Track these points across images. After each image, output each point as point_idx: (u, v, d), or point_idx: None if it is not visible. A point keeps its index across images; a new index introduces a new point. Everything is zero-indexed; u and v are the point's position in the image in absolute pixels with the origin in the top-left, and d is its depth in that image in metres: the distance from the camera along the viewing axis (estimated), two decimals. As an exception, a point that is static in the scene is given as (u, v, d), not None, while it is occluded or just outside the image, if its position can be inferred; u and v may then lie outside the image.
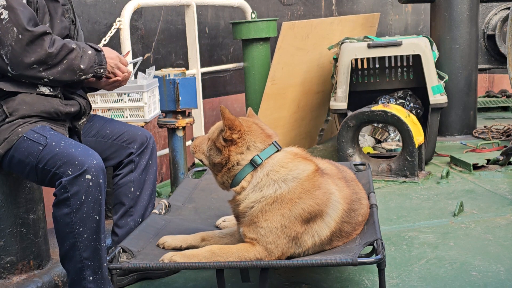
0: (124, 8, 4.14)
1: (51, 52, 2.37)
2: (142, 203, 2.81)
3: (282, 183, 2.38)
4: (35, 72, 2.37)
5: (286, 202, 2.36)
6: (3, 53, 2.32)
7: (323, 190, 2.44)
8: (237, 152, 2.41)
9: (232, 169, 2.42)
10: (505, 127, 5.49)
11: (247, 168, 2.40)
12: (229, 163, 2.42)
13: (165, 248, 2.54)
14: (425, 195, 3.95)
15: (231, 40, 6.14)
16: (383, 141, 5.11)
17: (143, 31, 5.22)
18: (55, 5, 2.57)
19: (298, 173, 2.42)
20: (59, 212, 2.27)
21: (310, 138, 5.61)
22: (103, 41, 3.95)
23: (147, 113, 3.34)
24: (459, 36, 5.38)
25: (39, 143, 2.33)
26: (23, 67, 2.35)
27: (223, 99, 6.23)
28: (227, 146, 2.41)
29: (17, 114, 2.39)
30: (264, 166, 2.40)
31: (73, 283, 2.34)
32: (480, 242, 3.11)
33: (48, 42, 2.37)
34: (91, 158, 2.28)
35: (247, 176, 2.40)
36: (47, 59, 2.37)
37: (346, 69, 4.61)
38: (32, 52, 2.34)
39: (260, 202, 2.37)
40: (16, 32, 2.31)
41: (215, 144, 2.45)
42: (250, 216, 2.39)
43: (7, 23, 2.31)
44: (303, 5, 7.26)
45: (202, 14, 5.80)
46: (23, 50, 2.33)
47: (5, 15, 2.31)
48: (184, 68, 4.13)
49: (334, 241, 2.49)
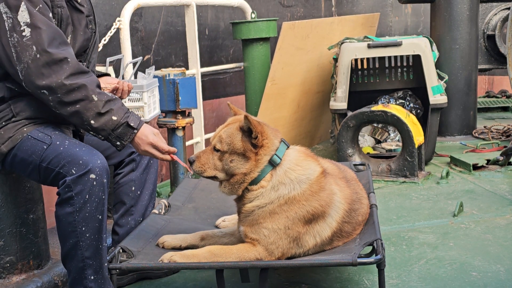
0: (124, 7, 4.14)
1: (64, 84, 2.26)
2: (143, 202, 2.81)
3: (296, 184, 2.38)
4: (44, 97, 2.29)
5: (295, 204, 2.37)
6: (19, 69, 2.28)
7: (327, 192, 2.44)
8: (266, 154, 2.38)
9: (253, 173, 2.38)
10: (505, 127, 5.49)
11: (267, 168, 2.38)
12: (256, 168, 2.37)
13: (165, 248, 2.54)
14: (425, 195, 3.95)
15: (231, 41, 6.14)
16: (383, 141, 5.11)
17: (143, 32, 5.23)
18: (80, 16, 2.53)
19: (310, 174, 2.42)
20: (62, 211, 2.27)
21: (310, 138, 5.61)
22: (103, 41, 3.95)
23: (147, 113, 3.34)
24: (459, 36, 5.38)
25: (44, 142, 2.34)
26: (34, 87, 2.28)
27: (223, 100, 6.24)
28: (256, 152, 2.37)
29: (24, 115, 2.40)
30: (282, 164, 2.40)
31: (74, 282, 2.35)
32: (480, 242, 3.11)
33: (66, 72, 2.27)
34: (95, 158, 2.29)
35: (267, 176, 2.38)
36: (58, 89, 2.26)
37: (346, 69, 4.61)
38: (46, 76, 2.25)
39: (272, 203, 2.36)
40: (35, 51, 2.25)
41: (238, 153, 2.37)
42: (256, 215, 2.38)
43: (27, 40, 2.26)
44: (303, 6, 7.28)
45: (202, 16, 5.81)
46: (38, 70, 2.26)
47: (27, 32, 2.26)
48: (184, 68, 4.14)
49: (334, 241, 2.49)
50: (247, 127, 2.36)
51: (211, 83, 5.99)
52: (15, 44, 2.26)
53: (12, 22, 2.26)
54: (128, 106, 3.32)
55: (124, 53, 4.04)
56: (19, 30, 2.25)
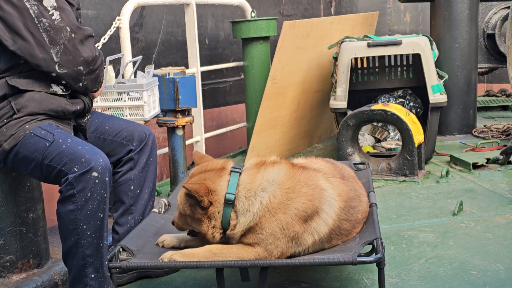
0: (124, 6, 4.13)
1: (96, 56, 2.49)
2: (143, 201, 2.81)
3: (262, 192, 2.37)
4: (78, 73, 2.44)
5: (277, 207, 2.35)
6: (54, 52, 2.38)
7: (312, 186, 2.43)
8: (217, 208, 2.38)
9: (216, 225, 2.39)
10: (505, 126, 5.49)
11: (226, 210, 2.37)
12: (216, 222, 2.39)
13: (165, 247, 2.54)
14: (424, 194, 3.95)
15: (231, 51, 6.18)
16: (382, 140, 5.11)
17: (143, 42, 5.26)
18: (72, 8, 2.56)
19: (273, 177, 2.41)
20: (64, 208, 2.28)
21: (309, 137, 5.61)
22: (103, 40, 3.94)
23: (146, 112, 3.34)
24: (459, 35, 5.37)
25: (46, 139, 2.34)
26: (72, 65, 2.42)
27: (222, 109, 6.28)
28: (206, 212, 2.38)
29: (25, 111, 2.40)
30: (239, 196, 2.38)
31: (75, 280, 2.35)
32: (480, 241, 3.11)
33: (93, 45, 2.49)
34: (98, 156, 2.30)
35: (231, 215, 2.37)
36: (91, 62, 2.48)
37: (346, 68, 4.61)
38: (83, 51, 2.43)
39: (253, 220, 2.35)
40: (69, 31, 2.40)
41: (194, 218, 2.41)
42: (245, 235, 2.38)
43: (59, 23, 2.37)
44: (302, 16, 7.35)
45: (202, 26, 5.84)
46: (75, 49, 2.41)
47: (56, 15, 2.37)
48: (183, 67, 4.13)
49: (333, 239, 2.49)
50: (190, 194, 2.37)
51: (211, 92, 6.03)
52: (46, 29, 2.36)
53: (38, 8, 2.35)
54: (128, 105, 3.34)
55: (124, 52, 4.04)
56: (48, 15, 2.36)
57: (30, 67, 2.42)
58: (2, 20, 2.34)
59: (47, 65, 2.39)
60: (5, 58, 2.40)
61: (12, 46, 2.35)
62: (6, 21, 2.33)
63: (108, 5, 4.91)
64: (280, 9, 7.02)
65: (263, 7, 6.73)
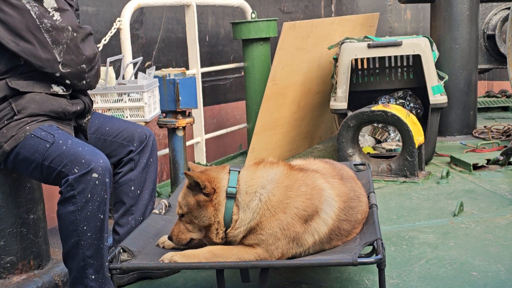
0: (124, 7, 4.14)
1: (96, 53, 2.54)
2: (143, 201, 2.81)
3: (262, 190, 2.38)
4: (81, 71, 2.48)
5: (276, 206, 2.36)
6: (57, 52, 2.40)
7: (310, 186, 2.44)
8: (220, 195, 2.39)
9: (219, 216, 2.38)
10: (505, 127, 5.49)
11: (229, 204, 2.38)
12: (219, 212, 2.38)
13: (165, 248, 2.54)
14: (425, 195, 3.95)
15: (231, 48, 6.18)
16: (383, 141, 5.11)
17: (144, 40, 5.26)
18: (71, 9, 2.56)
19: (271, 176, 2.43)
20: (64, 209, 2.28)
21: (310, 138, 5.61)
22: (103, 41, 3.94)
23: (147, 113, 3.34)
24: (459, 36, 5.38)
25: (47, 140, 2.34)
26: (75, 64, 2.44)
27: (223, 106, 6.27)
28: (210, 199, 2.39)
29: (26, 112, 2.40)
30: (240, 190, 2.39)
31: (75, 281, 2.35)
32: (480, 242, 3.11)
33: (93, 42, 2.53)
34: (98, 157, 2.30)
35: (233, 209, 2.38)
36: (93, 59, 2.51)
37: (346, 69, 4.61)
38: (84, 50, 2.47)
39: (254, 219, 2.36)
40: (71, 31, 2.42)
41: (196, 208, 2.40)
42: (247, 236, 2.38)
43: (61, 23, 2.40)
44: (302, 13, 7.32)
45: (202, 23, 5.84)
46: (77, 47, 2.44)
47: (57, 16, 2.40)
48: (184, 68, 4.13)
49: (333, 240, 2.49)
50: (193, 182, 2.38)
51: (211, 89, 6.02)
52: (48, 29, 2.38)
53: (39, 10, 2.36)
54: (128, 106, 3.34)
55: (125, 53, 4.04)
56: (49, 16, 2.38)
57: (30, 68, 2.42)
58: (3, 23, 2.34)
59: (50, 65, 2.40)
60: (5, 59, 2.40)
61: (14, 48, 2.35)
62: (7, 23, 2.33)
63: (108, 2, 4.91)
64: (281, 6, 7.02)
65: (263, 4, 6.72)
